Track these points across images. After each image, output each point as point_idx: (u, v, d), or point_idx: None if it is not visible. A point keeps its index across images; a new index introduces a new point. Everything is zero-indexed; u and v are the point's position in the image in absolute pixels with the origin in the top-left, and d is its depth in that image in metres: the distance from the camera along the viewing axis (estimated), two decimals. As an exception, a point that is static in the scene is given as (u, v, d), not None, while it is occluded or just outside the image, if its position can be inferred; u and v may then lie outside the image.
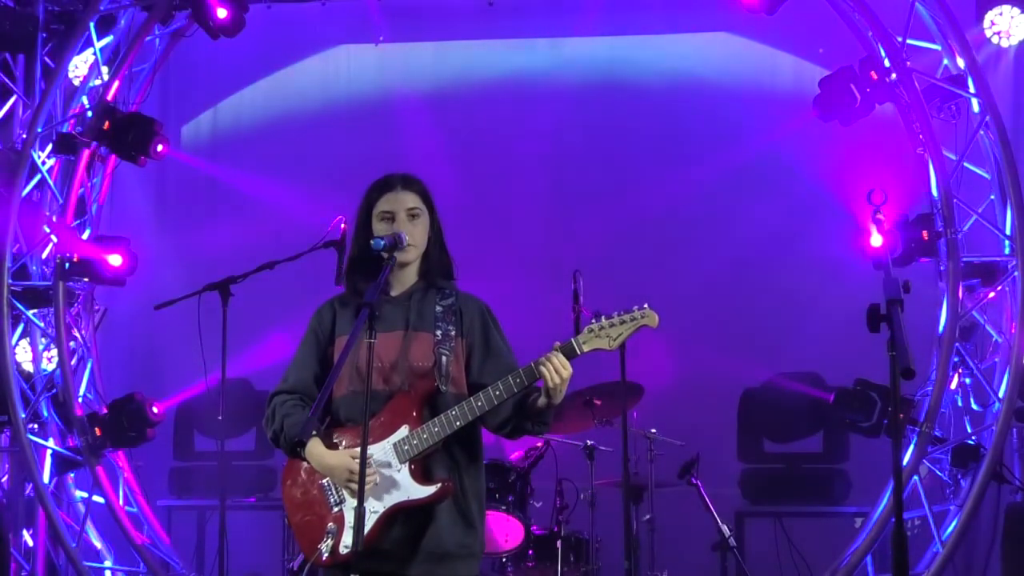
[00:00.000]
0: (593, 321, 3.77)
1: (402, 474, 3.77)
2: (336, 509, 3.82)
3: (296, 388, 3.98)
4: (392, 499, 3.76)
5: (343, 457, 3.77)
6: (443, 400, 3.83)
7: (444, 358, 3.85)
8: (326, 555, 3.75)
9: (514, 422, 3.87)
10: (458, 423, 3.75)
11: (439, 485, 3.77)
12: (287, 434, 3.87)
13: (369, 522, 3.73)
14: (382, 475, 3.76)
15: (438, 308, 3.93)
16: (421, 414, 3.81)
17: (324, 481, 3.85)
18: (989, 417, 6.68)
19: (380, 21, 8.34)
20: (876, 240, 6.39)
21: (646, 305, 3.76)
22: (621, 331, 3.75)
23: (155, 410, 7.35)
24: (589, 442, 6.80)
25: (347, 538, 3.74)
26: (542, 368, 3.68)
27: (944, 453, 6.68)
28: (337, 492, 3.83)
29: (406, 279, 4.00)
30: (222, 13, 7.24)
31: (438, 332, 3.89)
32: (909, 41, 6.76)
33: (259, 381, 7.65)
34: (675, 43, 8.58)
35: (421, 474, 3.78)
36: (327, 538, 3.76)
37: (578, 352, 3.74)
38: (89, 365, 7.60)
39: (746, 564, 6.81)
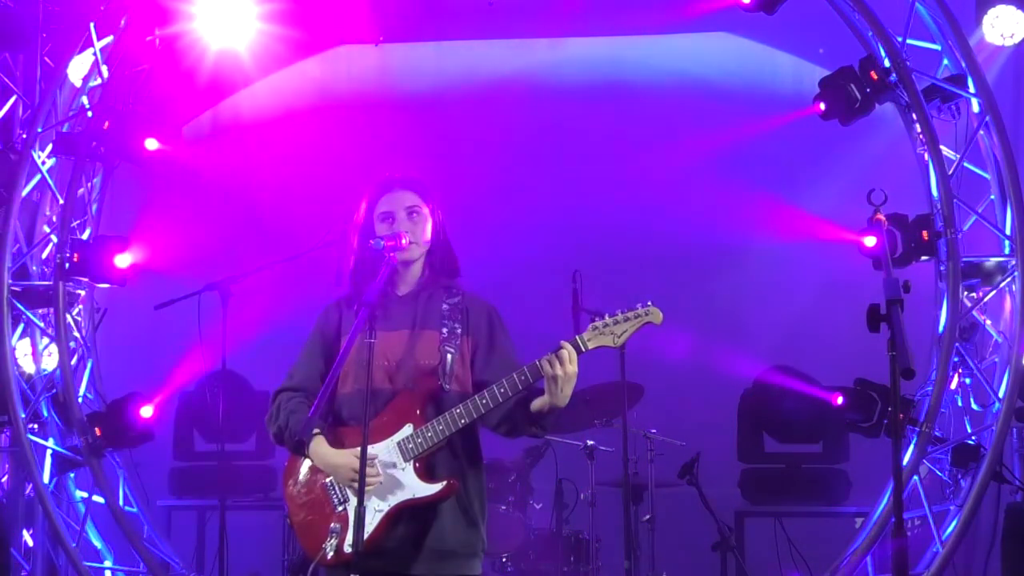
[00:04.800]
0: (597, 319, 3.78)
1: (407, 473, 3.78)
2: (340, 509, 3.82)
3: (301, 386, 3.99)
4: (397, 497, 3.76)
5: (347, 456, 3.77)
6: (447, 398, 3.84)
7: (449, 356, 3.86)
8: (330, 554, 3.75)
9: (512, 421, 3.87)
10: (463, 421, 3.76)
11: (444, 483, 3.77)
12: (291, 430, 3.88)
13: (374, 521, 3.74)
14: (387, 474, 3.77)
15: (444, 306, 3.94)
16: (425, 412, 3.82)
17: (327, 481, 3.86)
18: (989, 417, 6.67)
19: (380, 21, 8.33)
20: (870, 240, 6.43)
21: (650, 303, 3.78)
22: (625, 328, 3.76)
23: (147, 414, 7.31)
24: (589, 442, 6.81)
25: (351, 537, 3.74)
26: (544, 360, 3.69)
27: (944, 453, 6.68)
28: (341, 492, 3.83)
29: (412, 277, 4.01)
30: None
31: (444, 330, 3.90)
32: (909, 41, 6.76)
33: (258, 381, 7.65)
34: (675, 43, 8.59)
35: (426, 472, 3.78)
36: (331, 537, 3.76)
37: (583, 349, 3.75)
38: (89, 365, 7.60)
39: (746, 564, 6.81)
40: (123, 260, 7.35)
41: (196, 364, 6.97)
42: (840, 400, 6.66)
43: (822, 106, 6.81)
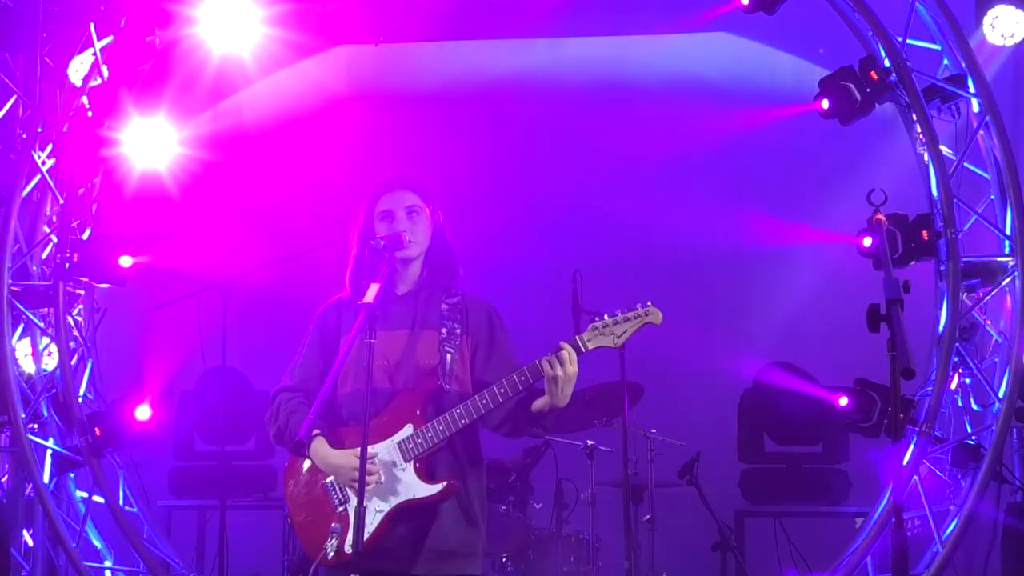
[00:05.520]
0: (597, 319, 3.79)
1: (407, 473, 3.78)
2: (341, 509, 3.82)
3: (300, 386, 3.99)
4: (398, 498, 3.76)
5: (348, 456, 3.77)
6: (447, 398, 3.84)
7: (449, 356, 3.86)
8: (331, 554, 3.75)
9: (513, 422, 3.87)
10: (463, 421, 3.76)
11: (445, 483, 3.77)
12: (291, 431, 3.88)
13: (374, 521, 3.74)
14: (387, 474, 3.77)
15: (444, 306, 3.94)
16: (425, 412, 3.82)
17: (328, 481, 3.86)
18: (989, 417, 6.67)
19: (380, 21, 8.33)
20: (867, 240, 6.45)
21: (649, 303, 3.78)
22: (625, 328, 3.77)
23: (143, 415, 7.30)
24: (589, 442, 6.81)
25: (352, 537, 3.74)
26: (545, 361, 3.69)
27: (944, 453, 6.68)
28: (341, 492, 3.83)
29: (411, 277, 4.01)
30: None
31: (443, 330, 3.90)
32: (909, 41, 6.76)
33: (258, 381, 7.65)
34: (675, 43, 8.58)
35: (426, 473, 3.78)
36: (332, 537, 3.76)
37: (583, 350, 3.76)
38: (89, 365, 7.59)
39: (746, 564, 6.81)
40: (126, 260, 7.36)
41: (196, 364, 6.98)
42: (845, 402, 6.66)
43: (825, 103, 6.79)
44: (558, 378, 3.68)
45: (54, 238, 7.44)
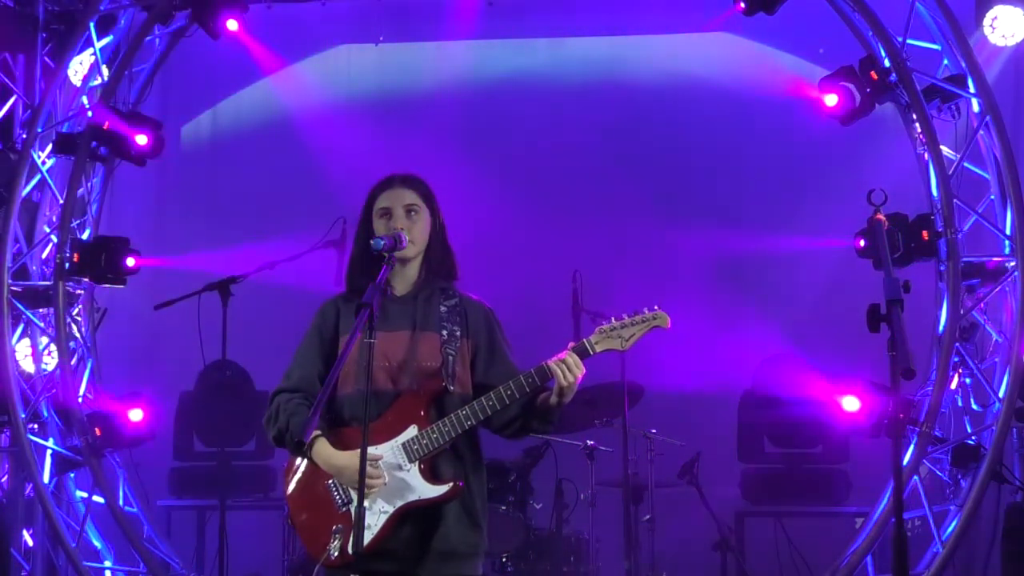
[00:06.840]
0: (604, 322, 3.78)
1: (412, 474, 3.76)
2: (343, 509, 3.80)
3: (299, 386, 3.95)
4: (403, 499, 3.75)
5: (352, 458, 3.74)
6: (450, 400, 3.83)
7: (451, 358, 3.84)
8: (335, 555, 3.74)
9: (520, 422, 3.86)
10: (469, 423, 3.75)
11: (450, 485, 3.76)
12: (292, 432, 3.85)
13: (379, 522, 3.73)
14: (392, 475, 3.75)
15: (442, 308, 3.93)
16: (429, 414, 3.80)
17: (329, 481, 3.84)
18: (989, 417, 6.68)
19: (380, 21, 8.34)
20: (862, 242, 6.49)
21: (656, 306, 3.77)
22: (633, 332, 3.76)
23: (136, 417, 7.30)
24: (589, 442, 6.81)
25: (353, 538, 3.73)
26: (555, 366, 3.69)
27: (944, 453, 6.68)
28: (344, 492, 3.81)
29: (409, 278, 3.99)
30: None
31: (444, 332, 3.88)
32: (909, 41, 6.77)
33: (259, 381, 7.65)
34: (675, 43, 8.59)
35: (431, 474, 3.77)
36: (335, 538, 3.74)
37: (590, 352, 3.75)
38: (89, 365, 7.60)
39: (746, 564, 6.82)
40: (130, 261, 7.37)
41: (195, 365, 6.98)
42: (858, 406, 6.65)
43: (833, 99, 6.77)
44: (565, 382, 3.69)
45: (54, 238, 7.44)
